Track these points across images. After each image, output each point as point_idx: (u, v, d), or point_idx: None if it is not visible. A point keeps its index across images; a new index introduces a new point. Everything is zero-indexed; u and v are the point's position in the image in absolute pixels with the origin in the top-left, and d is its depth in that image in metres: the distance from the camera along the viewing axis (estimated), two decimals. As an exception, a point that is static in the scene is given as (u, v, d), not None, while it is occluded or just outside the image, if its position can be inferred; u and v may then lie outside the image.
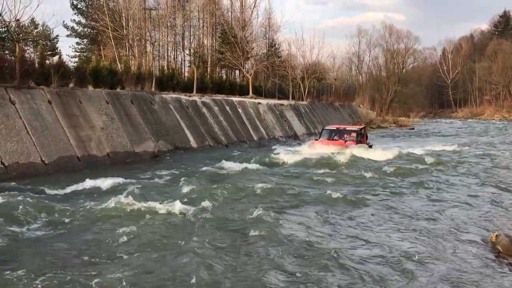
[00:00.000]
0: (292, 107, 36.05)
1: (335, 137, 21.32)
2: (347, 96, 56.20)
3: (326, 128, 23.64)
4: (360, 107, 55.09)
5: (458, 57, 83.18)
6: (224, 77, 40.19)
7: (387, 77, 66.99)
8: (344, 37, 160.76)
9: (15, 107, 14.81)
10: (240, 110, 28.39)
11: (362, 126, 24.41)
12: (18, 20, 19.45)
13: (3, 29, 27.53)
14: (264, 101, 32.78)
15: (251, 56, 38.69)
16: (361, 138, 21.75)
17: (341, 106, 49.12)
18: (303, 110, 37.65)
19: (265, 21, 44.53)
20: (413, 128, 44.69)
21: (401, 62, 69.13)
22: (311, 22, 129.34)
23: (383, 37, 71.72)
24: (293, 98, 41.78)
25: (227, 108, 27.24)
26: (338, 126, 24.21)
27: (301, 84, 43.86)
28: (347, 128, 22.83)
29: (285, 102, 36.45)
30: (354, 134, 21.43)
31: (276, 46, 46.53)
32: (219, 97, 28.34)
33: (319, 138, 22.17)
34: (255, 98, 33.19)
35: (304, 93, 43.53)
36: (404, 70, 70.44)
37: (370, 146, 21.62)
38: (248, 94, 34.69)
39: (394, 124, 48.17)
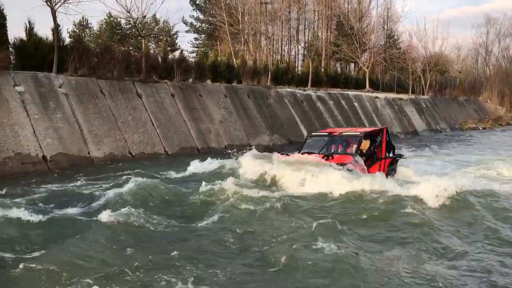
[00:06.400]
0: (412, 101, 33.59)
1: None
2: (472, 90, 51.04)
3: (313, 134, 12.56)
4: (487, 102, 49.75)
5: None
6: (339, 70, 38.84)
7: (519, 69, 59.63)
8: (469, 28, 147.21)
9: (141, 100, 15.48)
10: (356, 104, 27.07)
11: (374, 129, 13.10)
12: (144, 16, 20.50)
13: (129, 26, 29.51)
14: (381, 95, 30.96)
15: (368, 48, 36.84)
16: (373, 150, 11.46)
17: (466, 101, 44.74)
18: (424, 105, 34.89)
19: (384, 11, 42.18)
20: (552, 127, 39.01)
21: (537, 52, 61.02)
22: (433, 11, 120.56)
23: (515, 25, 63.83)
24: (413, 92, 38.96)
25: (343, 102, 26.11)
26: (332, 129, 13.69)
27: (421, 77, 40.74)
28: (344, 133, 11.72)
29: (404, 96, 34.09)
30: (355, 146, 11.03)
31: (395, 37, 43.85)
32: (334, 91, 27.31)
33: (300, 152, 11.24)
34: (372, 92, 31.51)
35: (425, 86, 40.35)
36: (541, 61, 62.06)
37: (392, 164, 12.04)
38: (364, 87, 33.09)
39: (527, 122, 42.56)
